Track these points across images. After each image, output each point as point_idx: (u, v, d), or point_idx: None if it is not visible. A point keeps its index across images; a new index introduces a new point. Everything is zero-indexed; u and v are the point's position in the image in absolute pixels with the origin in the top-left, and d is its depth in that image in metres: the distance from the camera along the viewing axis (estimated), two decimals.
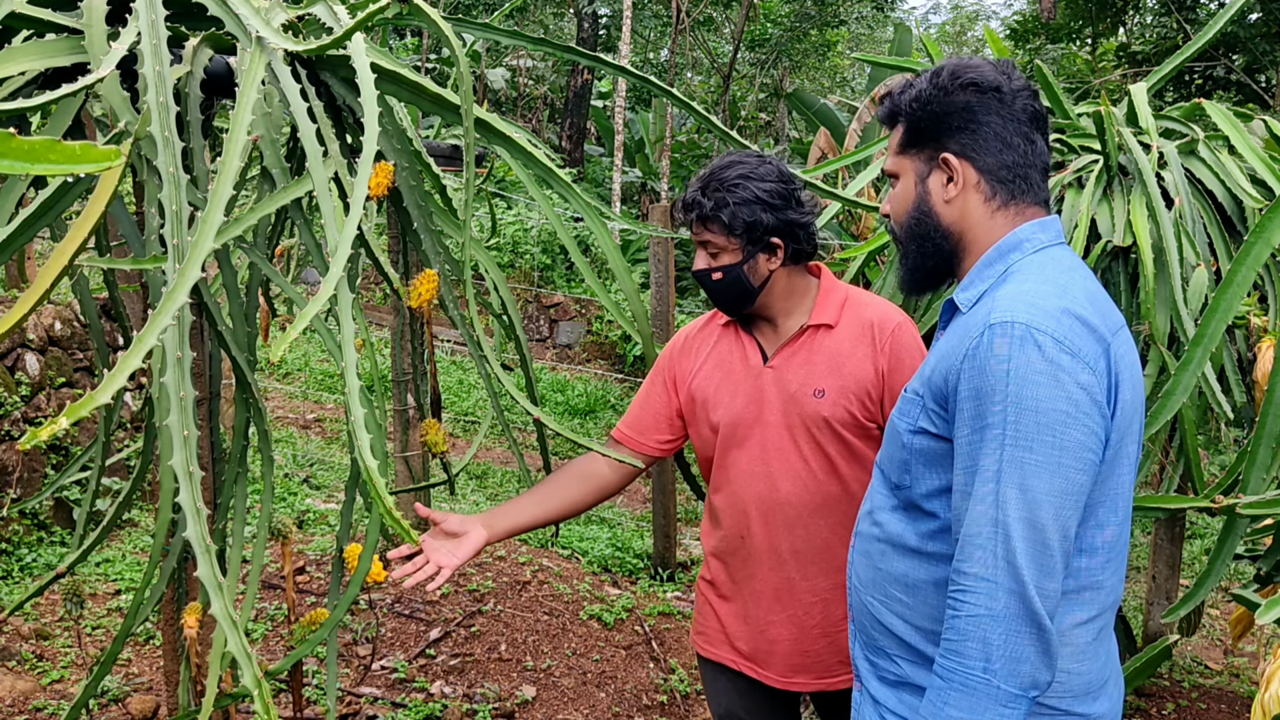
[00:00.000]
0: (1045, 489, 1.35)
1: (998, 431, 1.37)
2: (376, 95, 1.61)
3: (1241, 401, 2.81)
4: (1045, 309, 1.40)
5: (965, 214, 1.56)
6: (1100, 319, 1.44)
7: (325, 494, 5.54)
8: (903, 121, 1.61)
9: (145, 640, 3.61)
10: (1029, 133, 1.55)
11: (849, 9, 16.96)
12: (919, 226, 1.60)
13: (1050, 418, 1.35)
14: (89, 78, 1.45)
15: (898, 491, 1.60)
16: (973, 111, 1.54)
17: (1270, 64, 13.31)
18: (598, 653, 3.96)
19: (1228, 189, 2.88)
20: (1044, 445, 1.35)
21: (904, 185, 1.62)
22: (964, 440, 1.42)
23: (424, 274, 1.82)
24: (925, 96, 1.56)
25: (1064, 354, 1.37)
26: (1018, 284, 1.46)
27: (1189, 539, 6.31)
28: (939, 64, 1.60)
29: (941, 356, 1.51)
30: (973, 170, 1.54)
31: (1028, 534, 1.35)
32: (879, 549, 1.62)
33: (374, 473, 1.25)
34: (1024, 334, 1.37)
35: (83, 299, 2.06)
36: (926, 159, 1.58)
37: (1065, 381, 1.36)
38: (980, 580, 1.36)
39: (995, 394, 1.37)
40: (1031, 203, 1.56)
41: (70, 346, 4.66)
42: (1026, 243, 1.53)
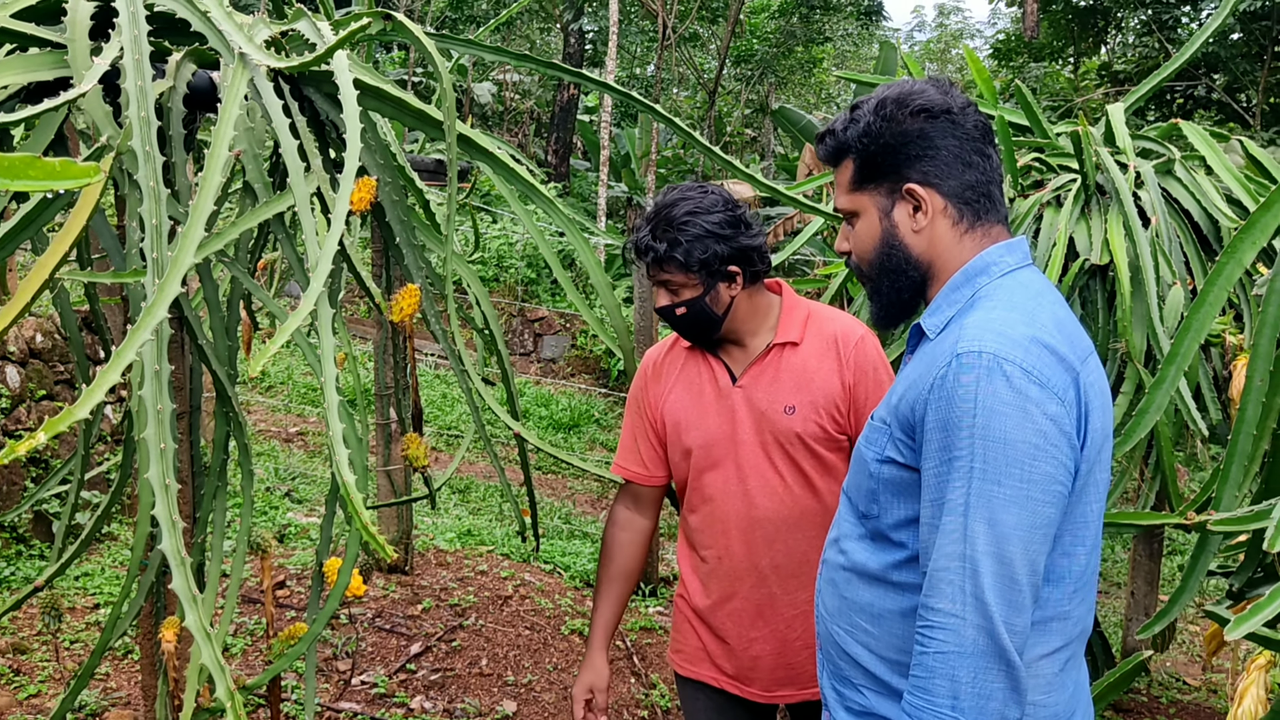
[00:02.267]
0: (1013, 523, 1.33)
1: (965, 464, 1.34)
2: (360, 111, 1.62)
3: (1218, 419, 2.84)
4: (1013, 337, 1.37)
5: (934, 241, 1.53)
6: (1069, 346, 1.41)
7: (307, 508, 5.52)
8: (852, 158, 1.56)
9: (124, 655, 3.59)
10: (983, 148, 1.52)
11: (834, 26, 17.09)
12: (889, 261, 1.56)
13: (1018, 450, 1.33)
14: (72, 92, 1.46)
15: (865, 520, 1.58)
16: (929, 138, 1.50)
17: (1250, 84, 13.46)
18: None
19: (1204, 208, 2.92)
20: (1012, 479, 1.32)
21: (867, 222, 1.57)
22: (931, 472, 1.40)
23: (406, 288, 1.83)
24: (876, 130, 1.52)
25: (1032, 384, 1.34)
26: (985, 311, 1.43)
27: (1168, 555, 6.35)
28: (876, 94, 1.55)
29: (909, 385, 1.48)
30: (939, 196, 1.51)
31: (996, 569, 1.32)
32: (844, 577, 1.60)
33: (351, 487, 1.26)
34: (991, 364, 1.34)
35: (63, 312, 2.06)
36: (887, 192, 1.54)
37: (1033, 413, 1.33)
38: (948, 616, 1.34)
39: (962, 426, 1.35)
40: (996, 221, 1.54)
41: (51, 359, 4.65)
42: (993, 266, 1.50)
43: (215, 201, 1.50)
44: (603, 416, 8.99)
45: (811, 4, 15.14)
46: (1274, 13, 11.98)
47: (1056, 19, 15.64)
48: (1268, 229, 1.73)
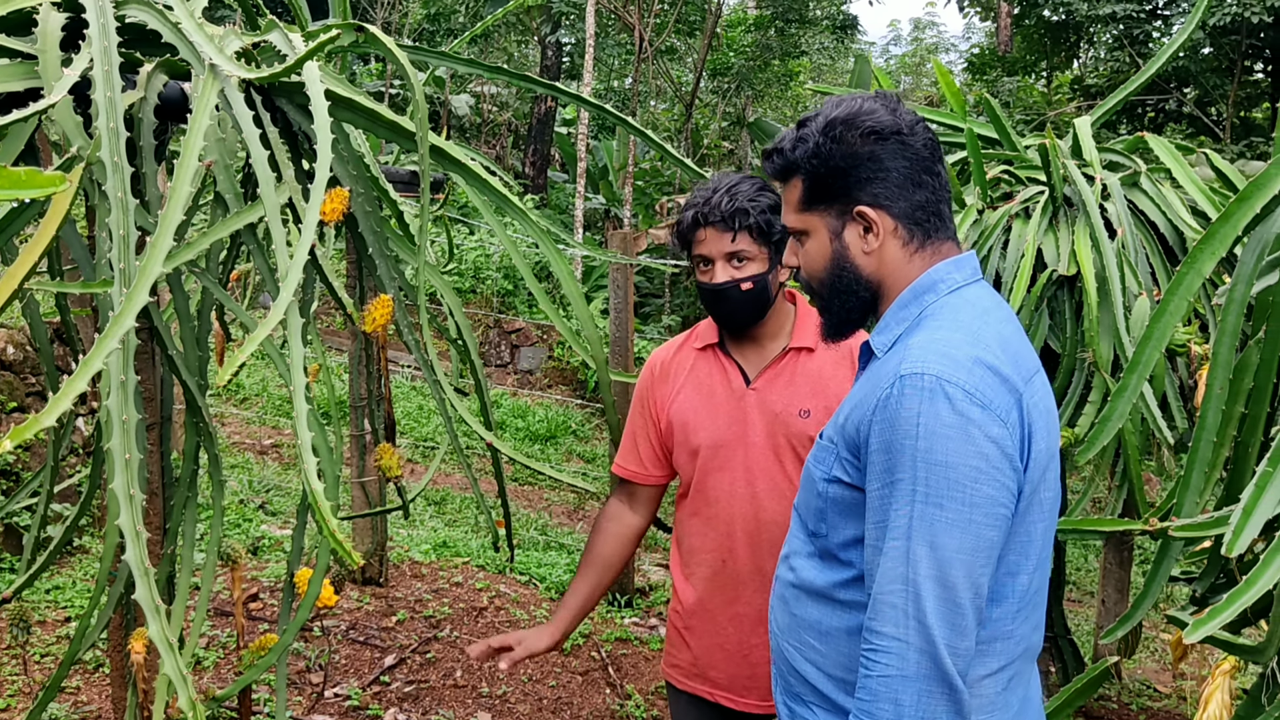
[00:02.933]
0: (956, 546, 1.33)
1: (908, 487, 1.34)
2: (331, 122, 1.63)
3: (1184, 428, 2.87)
4: (956, 358, 1.37)
5: (885, 261, 1.53)
6: (1013, 367, 1.42)
7: (281, 520, 5.50)
8: (801, 177, 1.55)
9: (95, 668, 3.56)
10: (932, 166, 1.52)
11: (810, 40, 17.19)
12: (840, 281, 1.56)
13: (960, 473, 1.33)
14: (42, 103, 1.46)
15: (814, 539, 1.57)
16: (879, 160, 1.49)
17: (1220, 98, 13.62)
18: (554, 679, 3.95)
19: (1169, 220, 2.96)
20: (954, 502, 1.33)
21: (817, 242, 1.57)
22: (875, 494, 1.40)
23: (378, 299, 1.84)
24: (825, 151, 1.51)
25: (975, 406, 1.34)
26: (930, 331, 1.44)
27: (1139, 563, 6.40)
28: (824, 112, 1.54)
29: (855, 405, 1.49)
30: (889, 218, 1.51)
31: (939, 593, 1.32)
32: (794, 594, 1.60)
33: (319, 496, 1.26)
34: (934, 386, 1.35)
35: (33, 323, 2.06)
36: (838, 213, 1.53)
37: (975, 436, 1.34)
38: (892, 640, 1.34)
39: (905, 448, 1.35)
40: (946, 238, 1.54)
41: (23, 370, 4.61)
42: (941, 284, 1.51)
43: (186, 212, 1.51)
44: (580, 428, 8.99)
45: (788, 18, 15.22)
46: (1243, 28, 12.15)
47: (1030, 33, 15.79)
48: (1226, 239, 1.76)
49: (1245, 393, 1.77)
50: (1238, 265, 1.78)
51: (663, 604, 4.88)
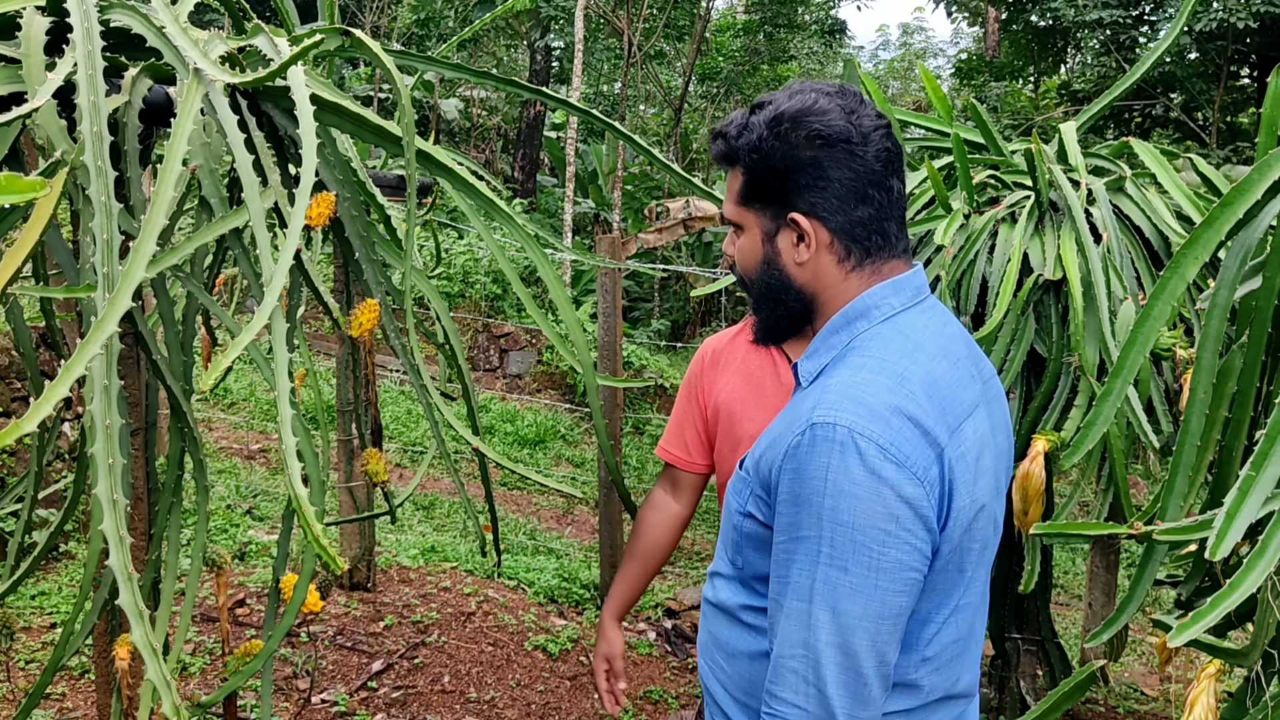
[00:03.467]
0: (859, 613, 1.24)
1: (812, 546, 1.25)
2: (317, 126, 1.63)
3: (1169, 432, 2.88)
4: (874, 407, 1.27)
5: (818, 276, 1.41)
6: (938, 416, 1.31)
7: (268, 525, 5.48)
8: (741, 169, 1.44)
9: (80, 674, 3.54)
10: (884, 179, 1.39)
11: (799, 45, 17.24)
12: (769, 286, 1.46)
13: (868, 536, 1.23)
14: (25, 107, 1.46)
15: (732, 565, 1.51)
16: (821, 167, 1.36)
17: (1207, 103, 13.70)
18: (542, 684, 3.95)
19: (1154, 224, 2.97)
20: (860, 566, 1.24)
21: (750, 240, 1.46)
22: (780, 546, 1.31)
23: (365, 303, 1.83)
24: (766, 148, 1.39)
25: (889, 463, 1.24)
26: (851, 371, 1.32)
27: (1125, 567, 6.42)
28: (776, 103, 1.41)
29: (771, 441, 1.38)
30: (825, 231, 1.39)
31: (840, 660, 1.25)
32: (711, 611, 1.56)
33: (303, 500, 1.26)
34: (846, 439, 1.24)
35: (17, 327, 2.05)
36: (773, 216, 1.42)
37: (887, 496, 1.23)
38: (790, 707, 1.27)
39: (812, 504, 1.26)
40: (890, 257, 1.42)
41: (8, 375, 4.59)
42: (875, 310, 1.39)
43: (170, 217, 1.50)
44: (569, 432, 8.99)
45: (776, 22, 15.27)
46: (1229, 33, 12.22)
47: (1017, 39, 15.87)
48: (1210, 244, 1.77)
49: (1229, 397, 1.77)
50: (1221, 270, 1.79)
51: (650, 608, 4.88)
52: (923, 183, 3.20)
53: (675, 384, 10.03)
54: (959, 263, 2.97)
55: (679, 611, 4.83)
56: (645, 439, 9.20)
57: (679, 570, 5.82)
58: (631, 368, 9.73)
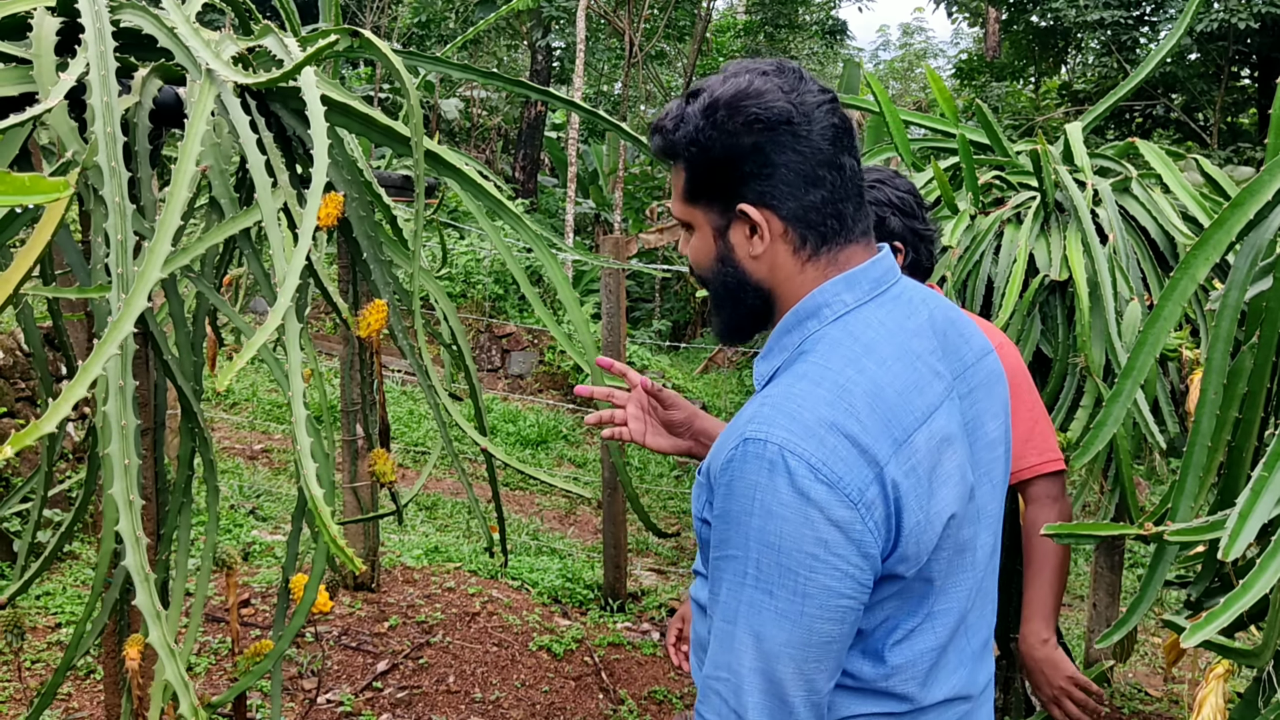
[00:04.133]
0: (784, 640, 1.18)
1: (739, 566, 1.20)
2: (327, 127, 1.63)
3: (1175, 432, 2.89)
4: (807, 424, 1.19)
5: (775, 268, 1.33)
6: (880, 429, 1.22)
7: (272, 525, 5.48)
8: (683, 165, 1.33)
9: (86, 674, 3.54)
10: (835, 158, 1.29)
11: (800, 45, 17.25)
12: (726, 285, 1.37)
13: (793, 560, 1.16)
14: (38, 108, 1.46)
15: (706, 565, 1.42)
16: (764, 153, 1.27)
17: (1208, 103, 13.71)
18: (547, 684, 3.95)
19: (1160, 225, 2.97)
20: (785, 590, 1.17)
21: (702, 238, 1.37)
22: (712, 561, 1.26)
23: (373, 304, 1.84)
24: (705, 140, 1.29)
25: (819, 484, 1.16)
26: (790, 381, 1.25)
27: (1129, 568, 6.43)
28: (710, 89, 1.30)
29: (715, 450, 1.30)
30: (777, 219, 1.29)
31: (763, 687, 1.19)
32: (695, 608, 1.51)
33: (319, 501, 1.26)
34: (775, 457, 1.17)
35: (27, 328, 2.05)
36: (721, 210, 1.32)
37: (815, 519, 1.16)
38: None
39: (740, 522, 1.19)
40: (847, 242, 1.32)
41: (12, 376, 4.59)
42: (825, 309, 1.30)
43: (181, 217, 1.50)
44: (570, 432, 8.99)
45: (777, 23, 15.28)
46: (1230, 34, 12.22)
47: (1018, 39, 15.87)
48: (1220, 245, 1.77)
49: (1239, 397, 1.77)
50: (1231, 271, 1.79)
51: (655, 609, 4.88)
52: (928, 183, 3.20)
53: (677, 384, 10.03)
54: (964, 263, 2.98)
55: None
56: None
57: (682, 571, 5.82)
58: (633, 368, 9.73)
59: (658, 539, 6.35)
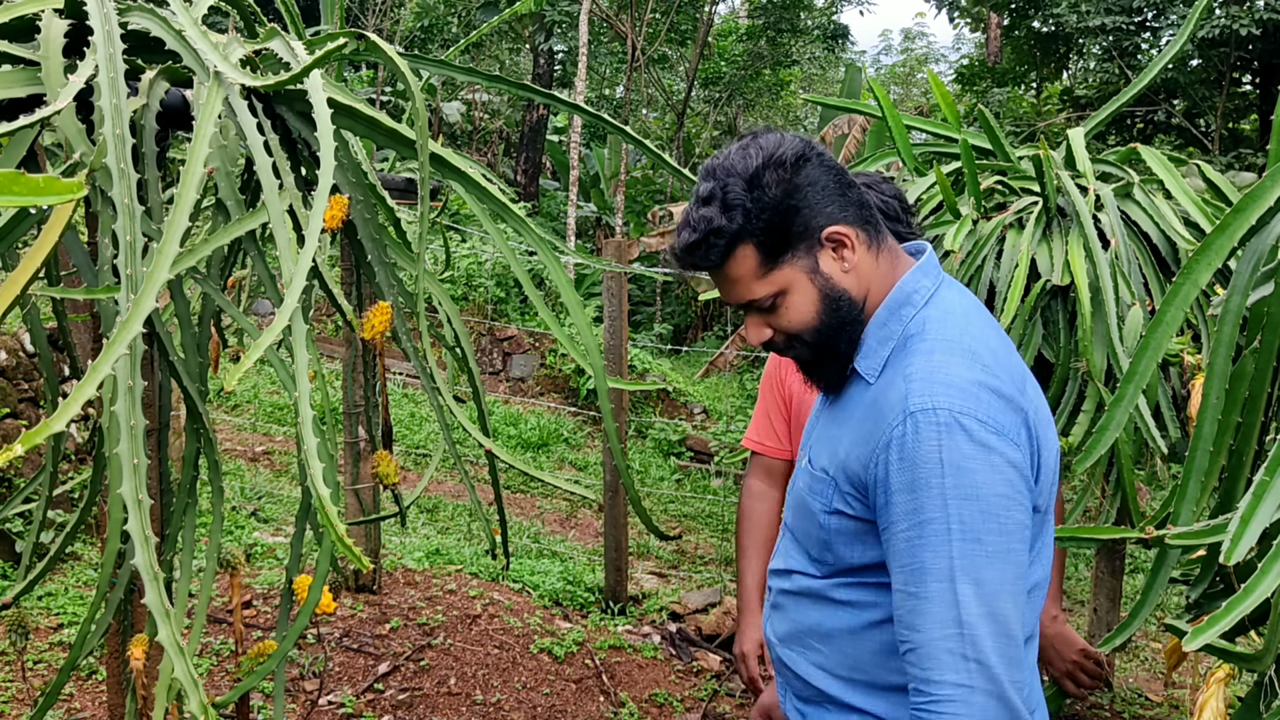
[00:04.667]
0: (999, 578, 1.30)
1: (941, 526, 1.30)
2: (333, 130, 1.63)
3: (1177, 437, 2.89)
4: (962, 387, 1.34)
5: (863, 273, 1.48)
6: (1009, 380, 1.38)
7: (273, 527, 5.49)
8: (751, 243, 1.44)
9: (88, 675, 3.55)
10: (842, 173, 1.50)
11: (801, 50, 17.26)
12: (837, 314, 1.48)
13: (992, 504, 1.30)
14: (46, 110, 1.46)
15: (816, 563, 1.55)
16: (813, 180, 1.44)
17: (1209, 109, 13.72)
18: (548, 686, 3.95)
19: (1162, 231, 2.98)
20: (991, 534, 1.30)
21: (799, 292, 1.47)
22: (901, 536, 1.35)
23: (377, 306, 1.84)
24: (766, 201, 1.42)
25: (991, 434, 1.32)
26: (924, 358, 1.39)
27: (1130, 573, 6.43)
28: (726, 173, 1.44)
29: (855, 440, 1.43)
30: (849, 227, 1.46)
31: (993, 629, 1.29)
32: (792, 601, 1.60)
33: (326, 501, 1.27)
34: (948, 420, 1.32)
35: (33, 329, 2.06)
36: (807, 250, 1.45)
37: (998, 463, 1.31)
38: (954, 688, 1.29)
39: (931, 487, 1.31)
40: (884, 231, 1.52)
41: (15, 377, 4.60)
42: (915, 295, 1.48)
43: (189, 218, 1.51)
44: (572, 435, 8.99)
45: (779, 27, 15.29)
46: (1232, 40, 12.24)
47: (1019, 44, 15.89)
48: (1222, 251, 1.78)
49: (1241, 402, 1.78)
50: (1233, 276, 1.80)
51: (655, 612, 4.88)
52: (931, 188, 3.21)
53: (678, 388, 10.04)
54: (967, 268, 2.98)
55: (683, 615, 4.84)
56: (648, 442, 9.20)
57: (683, 574, 5.82)
58: (634, 371, 9.75)
59: (659, 542, 6.36)
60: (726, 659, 4.44)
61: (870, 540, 1.44)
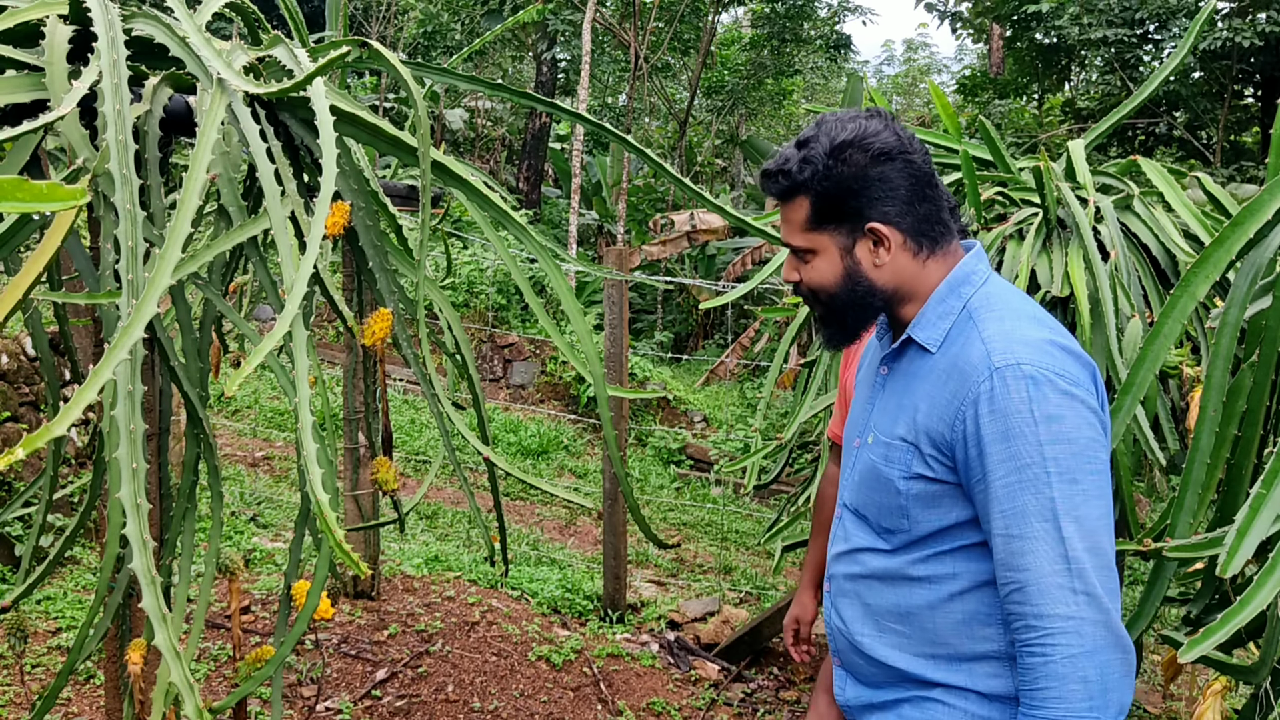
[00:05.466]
0: (1097, 514, 1.39)
1: (1039, 470, 1.39)
2: (335, 137, 1.64)
3: (1175, 449, 2.89)
4: (1039, 346, 1.45)
5: (898, 272, 1.58)
6: (1072, 341, 1.50)
7: (272, 533, 5.49)
8: (809, 197, 1.58)
9: (85, 679, 3.55)
10: (933, 177, 1.58)
11: (804, 59, 17.29)
12: (854, 295, 1.60)
13: (1083, 446, 1.40)
14: (52, 114, 1.47)
15: (888, 535, 1.61)
16: (888, 179, 1.54)
17: (1211, 122, 13.73)
18: (546, 694, 3.95)
19: (1161, 243, 2.98)
20: (1086, 473, 1.39)
21: (827, 260, 1.60)
22: (999, 483, 1.42)
23: (378, 312, 1.85)
24: (835, 173, 1.55)
25: (1072, 385, 1.42)
26: (998, 322, 1.50)
27: (1129, 585, 6.42)
28: (825, 133, 1.57)
29: (933, 402, 1.53)
30: (898, 232, 1.56)
31: (1096, 562, 1.37)
32: (864, 585, 1.65)
33: (325, 506, 1.27)
34: (1034, 373, 1.42)
35: (35, 333, 2.06)
36: (849, 231, 1.58)
37: (1082, 410, 1.41)
38: (1066, 620, 1.36)
39: (1026, 435, 1.40)
40: (949, 241, 1.61)
41: (16, 381, 4.60)
42: (974, 275, 1.58)
43: (190, 224, 1.51)
44: (572, 443, 8.99)
45: (782, 37, 15.31)
46: (1234, 52, 12.26)
47: (1021, 56, 15.90)
48: (1220, 263, 1.79)
49: (1238, 415, 1.79)
50: (1232, 289, 1.80)
51: (653, 620, 4.88)
52: None
53: (678, 396, 10.04)
54: None
55: (682, 624, 4.83)
56: (648, 451, 9.20)
57: (682, 583, 5.82)
58: (635, 379, 9.75)
59: (658, 550, 6.35)
60: (725, 668, 4.44)
61: (948, 503, 1.52)
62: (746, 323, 12.79)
